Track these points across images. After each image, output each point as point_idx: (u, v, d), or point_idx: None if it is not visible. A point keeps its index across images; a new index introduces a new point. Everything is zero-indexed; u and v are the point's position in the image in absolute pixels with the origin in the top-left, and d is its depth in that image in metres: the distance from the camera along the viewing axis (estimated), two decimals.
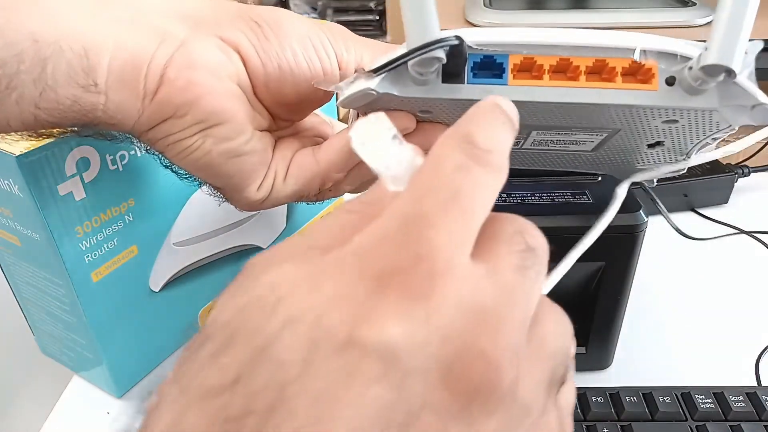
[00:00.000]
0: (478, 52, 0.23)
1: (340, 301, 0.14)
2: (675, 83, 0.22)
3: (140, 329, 0.37)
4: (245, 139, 0.25)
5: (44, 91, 0.21)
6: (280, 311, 0.14)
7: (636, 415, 0.32)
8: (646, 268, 0.45)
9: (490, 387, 0.14)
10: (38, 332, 0.40)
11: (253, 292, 0.15)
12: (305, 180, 0.27)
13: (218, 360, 0.14)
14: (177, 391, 0.14)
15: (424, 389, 0.14)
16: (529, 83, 0.23)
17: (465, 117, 0.18)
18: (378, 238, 0.15)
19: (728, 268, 0.47)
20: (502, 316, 0.15)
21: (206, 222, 0.39)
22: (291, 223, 0.48)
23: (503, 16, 0.65)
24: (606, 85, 0.22)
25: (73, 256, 0.31)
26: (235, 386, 0.13)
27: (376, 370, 0.13)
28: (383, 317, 0.14)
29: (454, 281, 0.15)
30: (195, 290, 0.40)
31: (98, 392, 0.38)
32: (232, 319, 0.15)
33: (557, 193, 0.33)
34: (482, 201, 0.16)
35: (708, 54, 0.21)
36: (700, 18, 0.65)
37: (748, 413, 0.32)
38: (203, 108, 0.23)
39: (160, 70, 0.23)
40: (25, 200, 0.29)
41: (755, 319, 0.42)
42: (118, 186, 0.33)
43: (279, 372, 0.13)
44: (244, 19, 0.24)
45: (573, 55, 0.22)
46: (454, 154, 0.16)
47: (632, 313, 0.40)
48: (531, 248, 0.17)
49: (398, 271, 0.14)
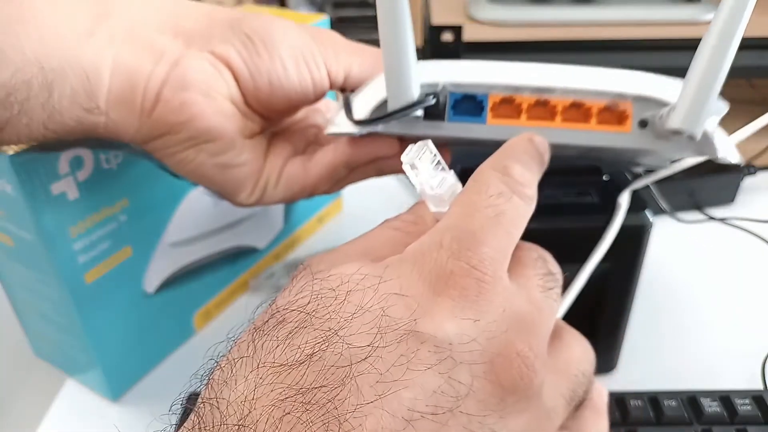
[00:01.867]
0: (458, 92, 0.24)
1: (402, 298, 0.16)
2: (647, 126, 0.23)
3: (135, 331, 0.36)
4: (236, 153, 0.26)
5: (51, 114, 0.22)
6: (352, 300, 0.16)
7: (641, 419, 0.32)
8: (652, 269, 0.44)
9: (524, 384, 0.16)
10: (31, 334, 0.39)
11: (326, 283, 0.17)
12: (295, 190, 0.29)
13: (294, 340, 0.15)
14: (253, 364, 0.15)
15: (470, 379, 0.16)
16: (506, 122, 0.24)
17: (503, 150, 0.21)
18: (434, 248, 0.17)
19: (735, 269, 0.46)
20: (534, 326, 0.17)
21: (202, 222, 0.38)
22: (288, 224, 0.48)
23: (506, 12, 0.64)
24: (581, 126, 0.23)
25: (66, 256, 0.31)
26: (310, 362, 0.15)
27: (432, 359, 0.15)
28: (440, 314, 0.16)
29: (498, 290, 0.17)
30: (191, 291, 0.39)
31: (93, 396, 0.37)
32: (307, 304, 0.16)
33: (563, 193, 0.33)
34: (518, 226, 0.19)
35: (674, 117, 0.21)
36: (705, 14, 0.65)
37: (754, 417, 0.32)
38: (195, 127, 0.25)
39: (157, 89, 0.24)
40: (17, 200, 0.29)
41: (762, 321, 0.41)
42: (112, 185, 0.32)
43: (349, 352, 0.15)
44: (236, 33, 0.25)
45: (551, 96, 0.23)
46: (495, 182, 0.19)
47: (638, 316, 0.39)
48: (551, 273, 0.20)
49: (452, 275, 0.17)
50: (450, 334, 0.16)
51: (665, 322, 0.42)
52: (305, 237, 0.50)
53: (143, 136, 0.25)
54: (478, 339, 0.16)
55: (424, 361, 0.15)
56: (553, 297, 0.19)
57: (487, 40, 0.57)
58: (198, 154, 0.26)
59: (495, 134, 0.24)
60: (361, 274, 0.17)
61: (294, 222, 0.48)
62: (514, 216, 0.19)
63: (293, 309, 0.16)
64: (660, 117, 0.22)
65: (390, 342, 0.15)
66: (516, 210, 0.19)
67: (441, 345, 0.15)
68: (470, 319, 0.16)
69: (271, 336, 0.16)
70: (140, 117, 0.24)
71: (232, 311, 0.43)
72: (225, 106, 0.25)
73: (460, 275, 0.17)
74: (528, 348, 0.16)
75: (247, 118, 0.27)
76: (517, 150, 0.21)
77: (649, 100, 0.23)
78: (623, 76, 0.23)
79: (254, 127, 0.27)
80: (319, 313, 0.16)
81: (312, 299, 0.17)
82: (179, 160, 0.26)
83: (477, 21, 0.64)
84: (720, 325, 0.41)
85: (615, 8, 0.62)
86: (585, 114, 0.23)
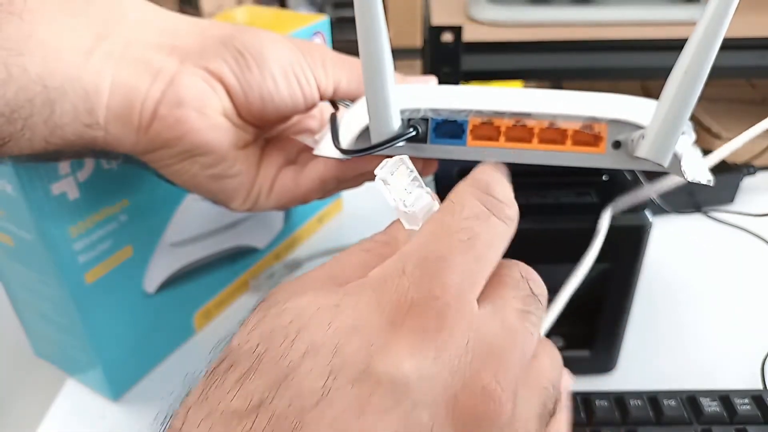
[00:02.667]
0: (439, 116, 0.25)
1: (357, 332, 0.16)
2: (621, 147, 0.24)
3: (135, 331, 0.36)
4: (228, 165, 0.27)
5: (53, 129, 0.23)
6: (303, 338, 0.15)
7: (641, 418, 0.32)
8: (652, 269, 0.44)
9: (489, 419, 0.15)
10: (32, 334, 0.39)
11: (277, 320, 0.16)
12: (286, 200, 0.30)
13: (245, 385, 0.15)
14: (204, 414, 0.15)
15: (431, 420, 0.15)
16: (485, 144, 0.25)
17: (480, 170, 0.20)
18: (395, 274, 0.17)
19: (734, 269, 0.46)
20: (505, 355, 0.16)
21: (202, 222, 0.39)
22: (288, 224, 0.48)
23: (506, 12, 0.64)
24: (556, 148, 0.24)
25: (67, 256, 0.31)
26: (259, 411, 0.14)
27: (388, 401, 0.14)
28: (397, 351, 0.15)
29: (463, 319, 0.16)
30: (191, 291, 0.39)
31: (93, 395, 0.37)
32: (257, 345, 0.16)
33: (562, 193, 0.33)
34: (495, 248, 0.18)
35: (643, 146, 0.22)
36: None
37: (754, 416, 0.32)
38: (190, 142, 0.26)
39: (153, 106, 0.25)
40: (18, 200, 0.29)
41: (761, 321, 0.41)
42: (112, 185, 0.32)
43: (299, 398, 0.14)
44: (228, 49, 0.26)
45: (528, 120, 0.24)
46: (473, 202, 0.18)
47: (637, 316, 0.39)
48: (534, 294, 0.19)
49: (413, 305, 0.16)
50: (408, 373, 0.15)
51: (665, 321, 0.42)
52: (305, 237, 0.50)
53: (141, 149, 0.26)
54: (438, 376, 0.15)
55: (379, 404, 0.14)
56: (532, 321, 0.18)
57: (486, 40, 0.57)
58: (192, 166, 0.27)
59: (474, 155, 0.25)
60: (315, 306, 0.16)
61: (294, 222, 0.48)
62: (490, 239, 0.18)
63: (244, 350, 0.16)
64: (632, 141, 0.23)
65: (343, 384, 0.14)
66: (493, 232, 0.18)
67: (398, 385, 0.15)
68: (430, 355, 0.15)
69: (222, 381, 0.15)
70: (137, 132, 0.25)
71: (232, 311, 0.43)
72: (218, 120, 0.26)
73: (421, 306, 0.16)
74: (494, 380, 0.15)
75: (240, 129, 0.28)
76: (495, 171, 0.20)
77: (623, 123, 0.23)
78: (600, 99, 0.24)
79: (247, 137, 0.28)
80: (270, 354, 0.15)
81: (262, 340, 0.16)
82: (175, 171, 0.27)
83: (477, 21, 0.64)
84: (719, 325, 0.41)
85: (614, 8, 0.62)
86: (561, 135, 0.24)
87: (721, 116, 0.75)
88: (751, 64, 0.58)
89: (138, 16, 0.25)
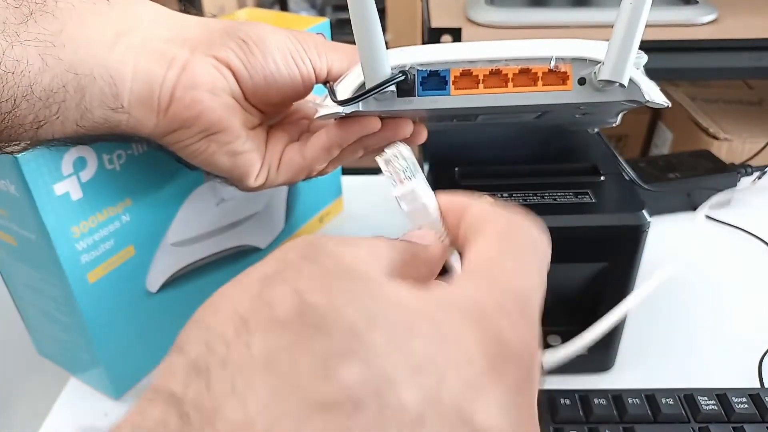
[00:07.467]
0: (424, 69, 0.27)
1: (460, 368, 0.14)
2: (586, 83, 0.27)
3: (138, 330, 0.37)
4: (241, 141, 0.30)
5: (83, 113, 0.26)
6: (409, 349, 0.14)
7: (639, 417, 0.32)
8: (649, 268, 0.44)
9: None
10: (35, 333, 0.39)
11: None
12: (294, 172, 0.33)
13: None
14: None
15: None
16: (467, 92, 0.28)
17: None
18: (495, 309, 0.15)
19: (731, 268, 0.47)
20: None
21: (204, 222, 0.39)
22: (289, 224, 0.48)
23: (504, 15, 0.64)
24: (530, 89, 0.27)
25: (70, 256, 0.31)
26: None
27: None
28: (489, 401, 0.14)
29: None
30: (193, 291, 0.40)
31: (96, 394, 0.37)
32: None
33: (559, 193, 0.33)
34: None
35: (603, 70, 0.26)
36: (702, 16, 0.65)
37: (751, 415, 0.32)
38: (205, 120, 0.28)
39: (170, 90, 0.27)
40: (21, 200, 0.29)
41: (758, 320, 0.42)
42: (114, 185, 0.32)
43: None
44: (233, 38, 0.29)
45: (502, 66, 0.27)
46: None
47: (635, 315, 0.39)
48: None
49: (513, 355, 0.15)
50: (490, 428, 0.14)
51: (662, 320, 0.42)
52: None
53: (161, 131, 0.29)
54: None
55: None
56: None
57: None
58: (209, 144, 0.30)
59: (458, 103, 0.28)
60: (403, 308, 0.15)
61: (295, 222, 0.49)
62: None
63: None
64: (594, 73, 0.26)
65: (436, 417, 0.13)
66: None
67: None
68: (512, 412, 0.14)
69: None
70: (157, 114, 0.28)
71: None
72: (228, 101, 0.29)
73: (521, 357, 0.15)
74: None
75: (247, 111, 0.30)
76: None
77: (585, 60, 0.27)
78: (562, 43, 0.27)
79: (254, 120, 0.31)
80: None
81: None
82: (192, 151, 0.30)
83: (476, 23, 0.65)
84: (717, 323, 0.41)
85: (612, 10, 0.62)
86: (532, 79, 0.27)
87: (718, 117, 0.75)
88: (748, 65, 0.59)
89: (151, 17, 0.28)
